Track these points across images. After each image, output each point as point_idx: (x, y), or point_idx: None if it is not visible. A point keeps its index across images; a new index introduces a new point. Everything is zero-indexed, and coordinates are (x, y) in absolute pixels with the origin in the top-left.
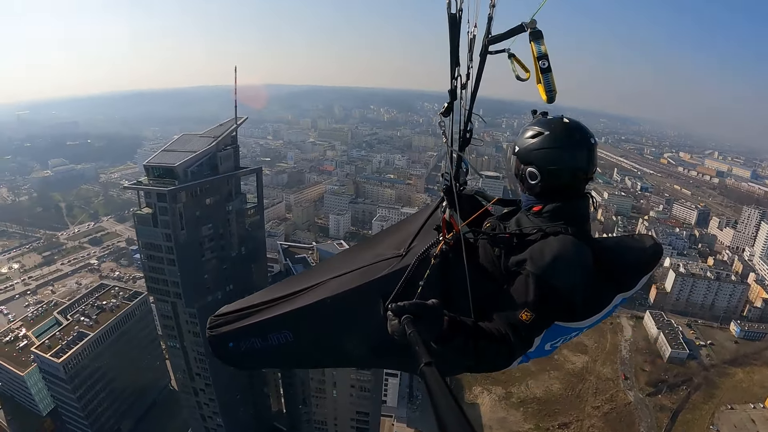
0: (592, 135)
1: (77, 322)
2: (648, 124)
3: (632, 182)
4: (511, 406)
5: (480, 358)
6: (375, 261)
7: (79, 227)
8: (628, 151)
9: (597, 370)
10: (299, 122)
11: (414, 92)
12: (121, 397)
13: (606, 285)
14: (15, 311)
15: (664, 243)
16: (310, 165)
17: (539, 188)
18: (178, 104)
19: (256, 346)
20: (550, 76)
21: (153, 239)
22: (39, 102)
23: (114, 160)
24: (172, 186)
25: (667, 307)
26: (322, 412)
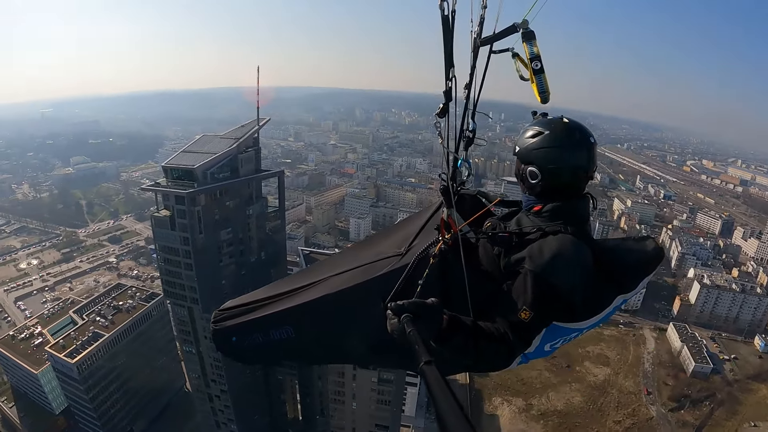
0: (591, 134)
1: (93, 322)
2: (670, 131)
3: (655, 190)
4: (532, 418)
5: (479, 358)
6: (376, 259)
7: (98, 225)
8: (651, 158)
9: (619, 383)
10: (320, 124)
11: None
12: (135, 398)
13: (606, 286)
14: (32, 307)
15: (689, 253)
16: (331, 167)
17: (539, 188)
18: (200, 105)
19: (258, 341)
20: (543, 78)
21: (170, 243)
22: (62, 100)
23: (135, 159)
24: (191, 188)
25: (690, 320)
26: (340, 423)
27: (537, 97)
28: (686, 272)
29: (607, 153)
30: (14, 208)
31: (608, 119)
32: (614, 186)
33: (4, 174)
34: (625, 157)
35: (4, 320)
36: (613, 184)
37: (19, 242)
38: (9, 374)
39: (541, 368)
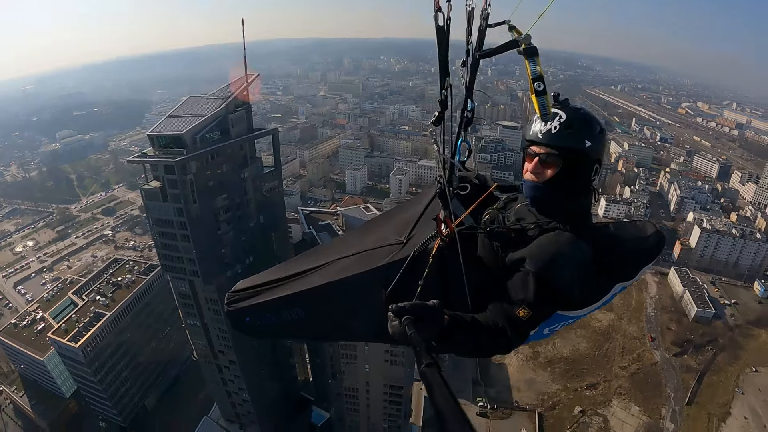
0: (604, 128)
1: (93, 301)
2: (664, 73)
3: (651, 132)
4: (539, 366)
5: (478, 352)
6: (378, 245)
7: (91, 198)
8: (645, 100)
9: (623, 328)
10: (308, 76)
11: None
12: (144, 374)
13: (606, 275)
14: (32, 290)
15: (687, 197)
16: (323, 119)
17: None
18: (185, 65)
19: (271, 321)
20: (546, 99)
21: (164, 215)
22: (44, 75)
23: (123, 126)
24: (181, 156)
25: (691, 264)
26: (353, 384)
27: (537, 112)
28: (685, 216)
29: (601, 95)
30: (4, 191)
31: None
32: (610, 128)
33: None
34: (620, 99)
35: (6, 307)
36: (609, 127)
37: (13, 225)
38: (16, 363)
39: None
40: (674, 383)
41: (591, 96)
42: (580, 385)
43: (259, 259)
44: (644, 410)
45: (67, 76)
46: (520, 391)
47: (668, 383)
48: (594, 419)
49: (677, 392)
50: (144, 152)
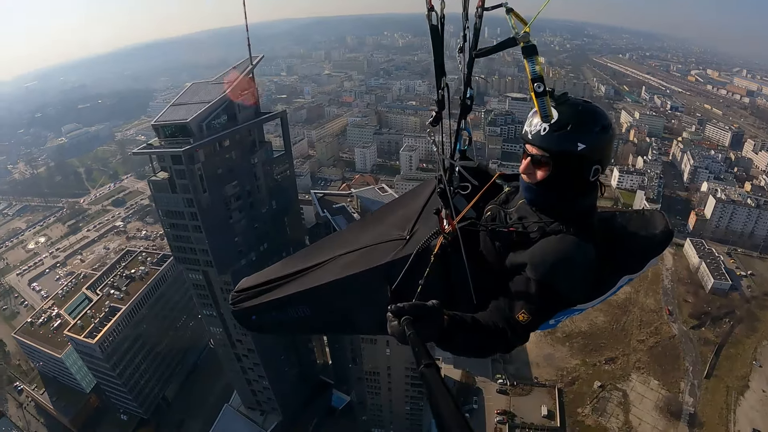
0: (610, 123)
1: (107, 296)
2: (672, 40)
3: (662, 101)
4: (557, 341)
5: (479, 352)
6: (381, 240)
7: (100, 190)
8: (654, 68)
9: (640, 301)
10: (312, 55)
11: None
12: (162, 364)
13: (612, 269)
14: (47, 287)
15: (701, 167)
16: (329, 98)
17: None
18: (186, 52)
19: (277, 318)
20: (546, 101)
21: (173, 206)
22: (46, 70)
23: (127, 116)
24: (187, 145)
25: (706, 235)
26: (374, 367)
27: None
28: (699, 186)
29: (609, 64)
30: (14, 189)
31: (607, 29)
32: (619, 97)
33: None
34: (628, 68)
35: (22, 305)
36: (618, 96)
37: (24, 222)
38: (35, 361)
39: None
40: (692, 356)
41: (599, 65)
42: (599, 359)
43: (273, 245)
44: (663, 384)
45: (69, 70)
46: (539, 366)
47: (686, 356)
48: (613, 394)
49: (695, 365)
50: (149, 143)
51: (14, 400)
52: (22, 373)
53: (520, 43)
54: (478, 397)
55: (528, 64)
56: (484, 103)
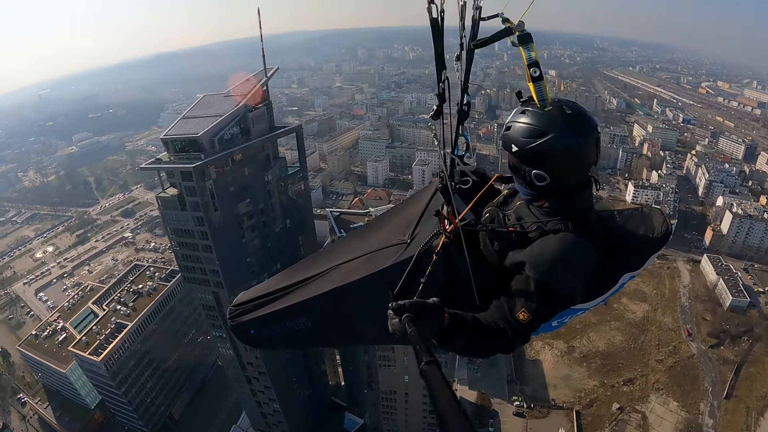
0: (596, 123)
1: (114, 311)
2: (681, 52)
3: (674, 114)
4: (574, 361)
5: (479, 352)
6: (381, 246)
7: (109, 200)
8: (665, 81)
9: (658, 319)
10: (322, 68)
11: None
12: (170, 382)
13: (612, 266)
14: (53, 297)
15: (716, 180)
16: (340, 111)
17: (548, 188)
18: (197, 63)
19: (276, 332)
20: (543, 85)
21: (183, 224)
22: (59, 79)
23: (138, 127)
24: (198, 161)
25: (723, 250)
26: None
27: (536, 101)
28: (714, 200)
29: (620, 77)
30: (23, 197)
31: (617, 41)
32: (631, 110)
33: (8, 164)
34: (639, 80)
35: (28, 315)
36: (630, 109)
37: (32, 231)
38: (38, 374)
39: None
40: (712, 376)
41: (610, 78)
42: (617, 380)
43: (287, 265)
44: (682, 405)
45: (81, 79)
46: (556, 388)
47: (706, 376)
48: (632, 416)
49: (715, 386)
50: (158, 158)
51: (17, 413)
52: (26, 385)
53: (516, 32)
54: (494, 419)
55: (524, 51)
56: (496, 117)
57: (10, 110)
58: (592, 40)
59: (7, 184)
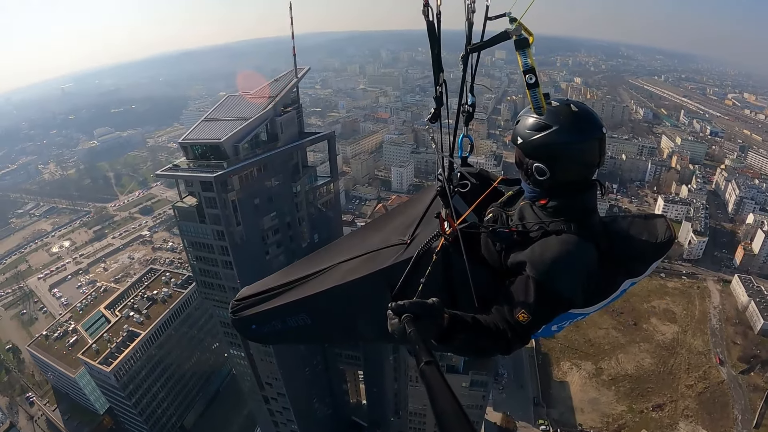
0: (602, 123)
1: (126, 318)
2: (706, 62)
3: (701, 125)
4: (602, 384)
5: (479, 353)
6: (382, 246)
7: (128, 197)
8: (691, 91)
9: (688, 342)
10: (346, 69)
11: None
12: (182, 393)
13: (614, 272)
14: (67, 294)
15: (746, 197)
16: (364, 113)
17: (548, 184)
18: (221, 61)
19: (277, 328)
20: (538, 92)
21: (201, 238)
22: (83, 73)
23: (160, 123)
24: (220, 169)
25: (754, 270)
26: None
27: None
28: (745, 217)
29: (645, 86)
30: (42, 190)
31: (641, 49)
32: (658, 121)
33: (29, 156)
34: (665, 90)
35: (41, 311)
36: (657, 120)
37: (50, 224)
38: (48, 375)
39: (608, 327)
40: (742, 404)
41: (635, 87)
42: (646, 405)
43: None
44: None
45: (105, 73)
46: (583, 412)
47: (735, 404)
48: None
49: (745, 414)
50: (175, 163)
51: (25, 412)
52: (35, 384)
53: (513, 37)
54: None
55: (520, 57)
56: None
57: (34, 102)
58: (617, 47)
59: (27, 176)
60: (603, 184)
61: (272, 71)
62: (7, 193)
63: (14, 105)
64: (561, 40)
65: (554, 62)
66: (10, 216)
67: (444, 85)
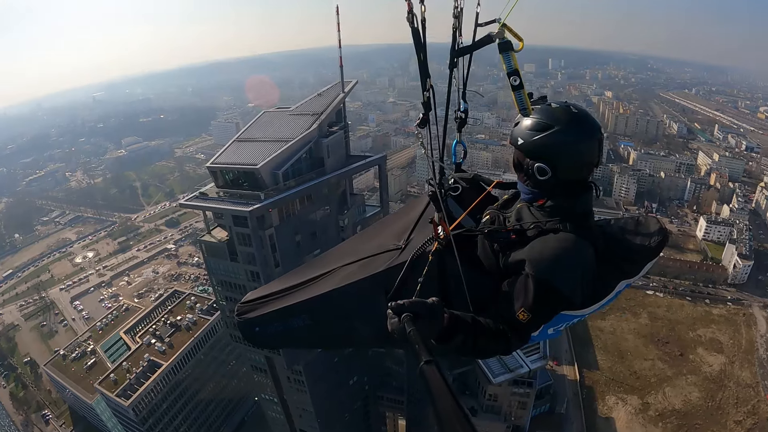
0: (599, 126)
1: (147, 346)
2: (736, 74)
3: (736, 141)
4: (650, 420)
5: (479, 353)
6: (378, 252)
7: (154, 208)
8: (722, 105)
9: (735, 374)
10: (375, 82)
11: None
12: (205, 424)
13: (609, 273)
14: (89, 307)
15: None
16: (394, 127)
17: (548, 184)
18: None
19: (279, 330)
20: (523, 93)
21: (232, 278)
22: (114, 81)
23: (188, 133)
24: (257, 201)
25: None
26: None
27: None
28: None
29: (676, 99)
30: (69, 198)
31: (669, 62)
32: (692, 136)
33: (57, 163)
34: (696, 104)
35: (61, 323)
36: (691, 134)
37: (74, 234)
38: (65, 393)
39: (654, 357)
40: None
41: (667, 100)
42: None
43: None
44: None
45: (135, 82)
46: None
47: None
48: None
49: None
50: (202, 192)
51: (40, 431)
52: (51, 402)
53: (496, 40)
54: None
55: (504, 59)
56: None
57: (64, 109)
58: (645, 60)
59: (54, 182)
60: (598, 187)
61: (301, 83)
62: (33, 200)
63: (45, 111)
64: (589, 53)
65: (584, 75)
66: (35, 223)
67: (431, 91)
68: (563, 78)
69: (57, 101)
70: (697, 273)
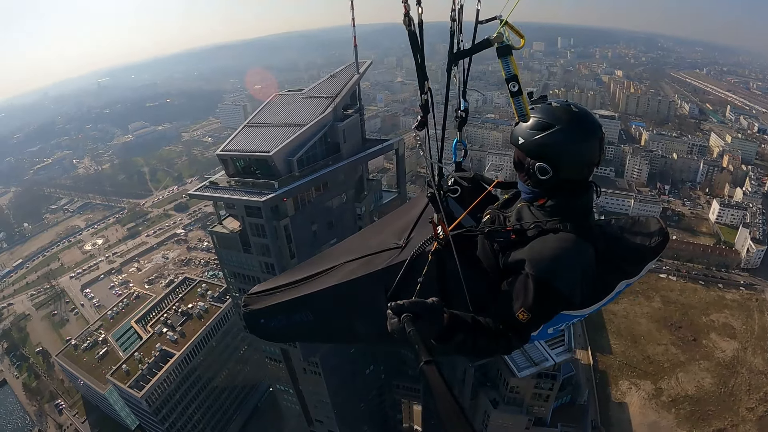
0: (600, 124)
1: (159, 335)
2: (747, 54)
3: (749, 122)
4: (662, 406)
5: (478, 354)
6: (379, 249)
7: (162, 192)
8: (734, 85)
9: (748, 360)
10: (383, 61)
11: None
12: (219, 412)
13: (609, 274)
14: (99, 294)
15: None
16: (403, 107)
17: (549, 184)
18: (256, 54)
19: (282, 322)
20: (522, 99)
21: (245, 269)
22: (119, 67)
23: (195, 117)
24: (271, 191)
25: None
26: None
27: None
28: None
29: (687, 79)
30: (76, 185)
31: (679, 41)
32: (704, 117)
33: (64, 150)
34: (708, 84)
35: (72, 312)
36: (703, 115)
37: (83, 221)
38: (78, 382)
39: (667, 342)
40: None
41: (678, 80)
42: (707, 430)
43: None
44: None
45: (141, 68)
46: None
47: None
48: None
49: None
50: (212, 180)
51: (54, 421)
52: (64, 392)
53: (495, 44)
54: None
55: (503, 64)
56: None
57: (70, 96)
58: (655, 39)
59: (62, 170)
60: (598, 186)
61: (307, 65)
62: (41, 188)
63: (51, 99)
64: (598, 30)
65: (593, 54)
66: (44, 211)
67: (429, 93)
68: (572, 56)
69: (63, 89)
70: (710, 257)
